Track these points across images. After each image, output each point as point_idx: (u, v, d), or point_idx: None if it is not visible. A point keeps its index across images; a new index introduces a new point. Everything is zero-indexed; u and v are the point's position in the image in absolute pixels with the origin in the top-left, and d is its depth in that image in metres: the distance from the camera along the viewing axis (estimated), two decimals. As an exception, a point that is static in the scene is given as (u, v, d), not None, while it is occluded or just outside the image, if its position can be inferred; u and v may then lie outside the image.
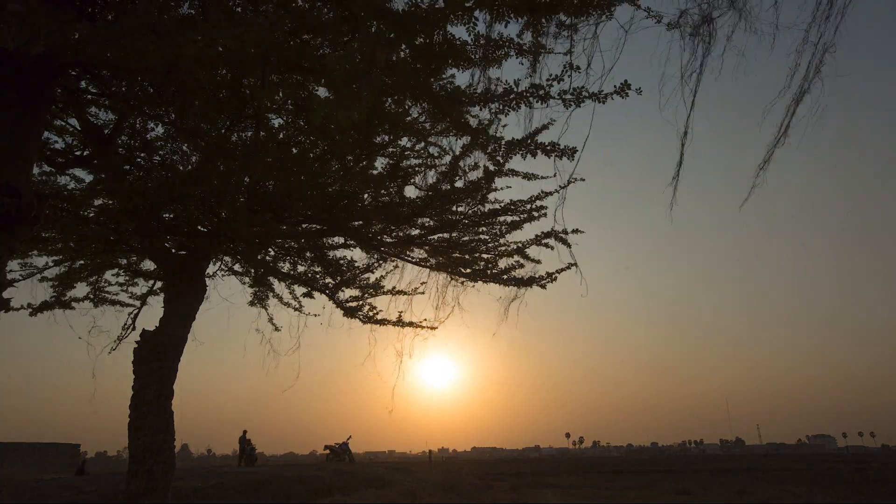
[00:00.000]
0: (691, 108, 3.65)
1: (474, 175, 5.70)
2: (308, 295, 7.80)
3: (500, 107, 4.18)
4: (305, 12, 2.86)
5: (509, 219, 6.19)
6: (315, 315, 8.08)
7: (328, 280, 7.56)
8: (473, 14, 3.27)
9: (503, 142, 4.62)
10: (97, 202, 5.93)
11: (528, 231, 6.28)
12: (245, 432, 24.36)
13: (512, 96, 4.03)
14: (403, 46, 3.29)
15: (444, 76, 4.01)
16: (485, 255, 6.73)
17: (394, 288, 7.43)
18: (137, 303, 7.85)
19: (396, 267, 7.38)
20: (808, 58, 3.32)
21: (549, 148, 4.48)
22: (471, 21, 3.29)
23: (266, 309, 8.28)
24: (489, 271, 6.74)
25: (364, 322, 7.66)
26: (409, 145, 5.74)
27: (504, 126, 4.70)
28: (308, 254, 7.29)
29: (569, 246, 6.09)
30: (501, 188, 6.00)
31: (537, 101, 3.97)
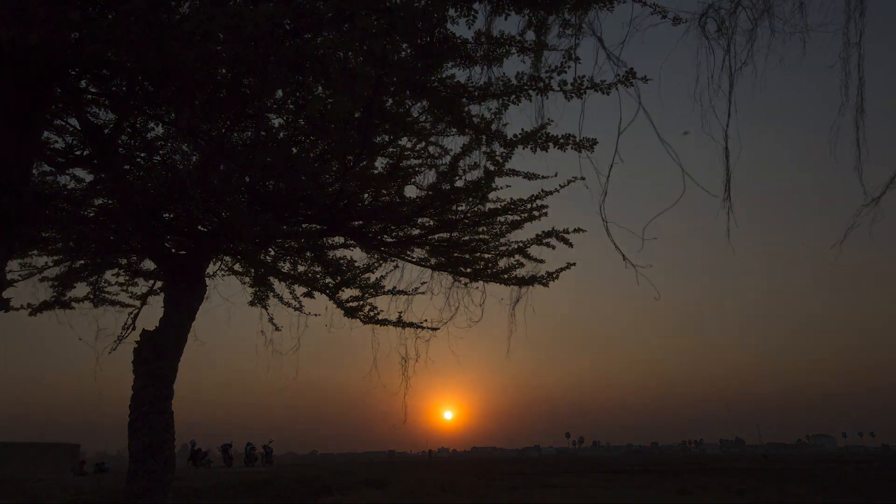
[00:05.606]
0: (729, 117, 3.35)
1: (474, 175, 5.69)
2: (308, 295, 7.78)
3: (501, 104, 4.14)
4: (304, 9, 2.85)
5: (510, 218, 6.19)
6: (316, 315, 8.06)
7: (328, 280, 7.54)
8: (472, 7, 3.22)
9: (507, 137, 4.52)
10: (97, 202, 5.92)
11: (529, 230, 6.28)
12: (249, 442, 27.24)
13: (512, 86, 3.89)
14: (405, 46, 3.27)
15: (444, 74, 3.98)
16: (485, 255, 6.72)
17: (394, 288, 7.42)
18: (137, 303, 7.83)
19: (396, 267, 7.37)
20: (855, 61, 3.01)
21: (562, 141, 4.25)
22: (470, 14, 3.24)
23: (266, 309, 8.28)
24: (490, 271, 6.73)
25: (365, 322, 7.64)
26: (409, 145, 5.73)
27: (505, 125, 4.66)
28: (308, 254, 7.28)
29: (570, 245, 6.09)
30: (502, 187, 6.00)
31: (536, 94, 3.88)
